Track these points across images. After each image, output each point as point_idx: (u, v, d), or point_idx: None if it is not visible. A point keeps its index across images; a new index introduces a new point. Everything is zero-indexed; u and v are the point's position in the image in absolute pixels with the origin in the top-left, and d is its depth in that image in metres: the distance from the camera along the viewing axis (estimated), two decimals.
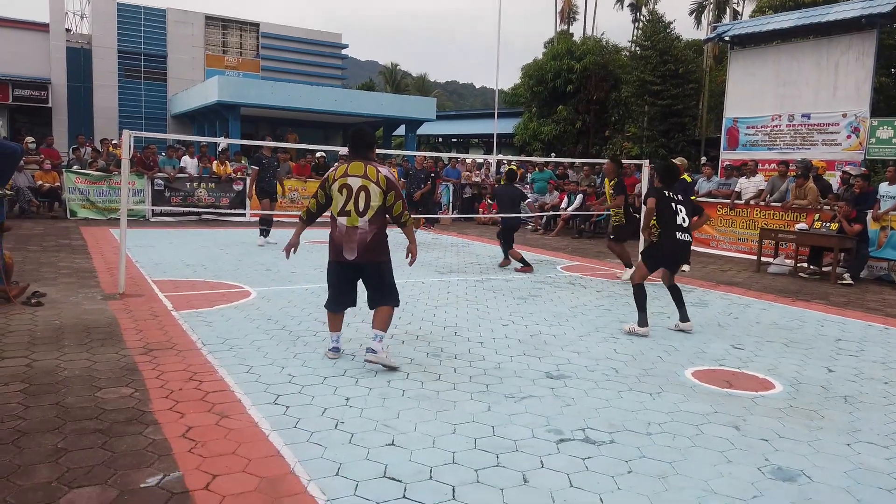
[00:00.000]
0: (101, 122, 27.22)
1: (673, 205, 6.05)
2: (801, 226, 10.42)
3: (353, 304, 4.87)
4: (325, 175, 4.72)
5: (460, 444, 3.43)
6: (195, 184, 15.17)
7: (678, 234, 6.00)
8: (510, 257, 9.75)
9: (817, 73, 14.84)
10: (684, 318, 6.20)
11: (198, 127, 28.65)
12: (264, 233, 11.25)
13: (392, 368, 4.56)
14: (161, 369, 4.40)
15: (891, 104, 19.68)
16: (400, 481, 2.98)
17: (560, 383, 4.49)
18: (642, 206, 6.65)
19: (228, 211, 15.14)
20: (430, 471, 3.10)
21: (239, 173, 15.91)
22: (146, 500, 2.72)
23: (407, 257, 4.84)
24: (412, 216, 4.96)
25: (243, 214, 14.98)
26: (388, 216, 4.62)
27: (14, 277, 6.57)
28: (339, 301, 4.78)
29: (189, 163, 15.50)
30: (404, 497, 2.84)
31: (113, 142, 16.87)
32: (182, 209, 14.64)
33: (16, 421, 3.47)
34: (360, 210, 4.50)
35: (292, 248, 4.88)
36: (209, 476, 2.95)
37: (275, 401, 3.92)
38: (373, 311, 4.72)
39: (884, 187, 10.25)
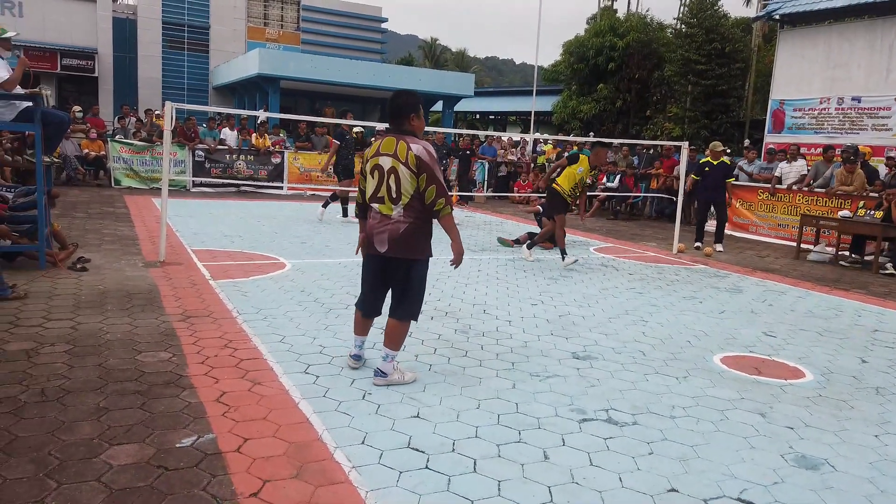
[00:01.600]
0: (146, 93, 27.73)
1: None
2: (845, 213, 10.15)
3: (379, 312, 4.06)
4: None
5: (483, 419, 3.49)
6: (234, 156, 15.42)
7: None
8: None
9: (870, 54, 14.30)
10: None
11: (238, 99, 28.97)
12: (344, 211, 11.61)
13: (409, 382, 3.95)
14: (198, 336, 4.55)
15: None
16: (423, 452, 3.07)
17: (586, 364, 4.51)
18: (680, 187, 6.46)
19: (266, 184, 15.36)
20: (453, 443, 3.18)
21: (277, 146, 16.11)
22: (181, 459, 2.85)
23: (452, 263, 3.94)
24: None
25: (280, 187, 15.20)
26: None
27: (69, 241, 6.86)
28: (366, 301, 4.04)
29: (229, 135, 15.77)
30: (427, 468, 2.93)
31: (156, 112, 17.20)
32: (221, 181, 14.91)
33: (61, 380, 3.64)
34: (393, 196, 3.75)
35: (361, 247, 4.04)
36: (241, 439, 3.07)
37: (305, 370, 4.04)
38: (388, 319, 3.95)
39: None
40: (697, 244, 10.41)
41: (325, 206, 11.51)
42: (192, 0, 29.01)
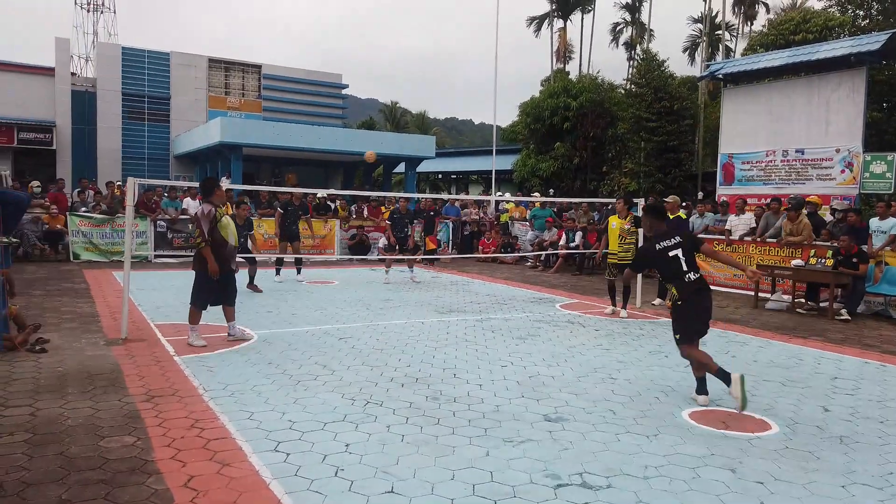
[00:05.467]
0: (105, 164, 27.56)
1: (669, 254, 5.23)
2: (797, 262, 10.51)
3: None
4: (213, 214, 6.60)
5: (459, 490, 3.47)
6: None
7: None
8: None
9: (809, 109, 15.10)
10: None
11: (200, 167, 28.98)
12: (278, 272, 12.34)
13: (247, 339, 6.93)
14: (163, 417, 4.45)
15: (883, 139, 19.92)
16: None
17: (558, 426, 4.53)
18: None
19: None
20: None
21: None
22: None
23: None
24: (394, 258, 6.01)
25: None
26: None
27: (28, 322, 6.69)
28: (211, 300, 6.80)
29: (191, 204, 15.69)
30: None
31: (118, 183, 17.07)
32: (184, 252, 14.75)
33: (20, 472, 3.51)
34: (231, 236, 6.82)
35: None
36: None
37: (275, 448, 3.97)
38: (226, 308, 6.91)
39: (875, 222, 10.37)
40: (657, 300, 10.54)
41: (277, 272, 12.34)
42: (153, 72, 29.28)
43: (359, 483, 3.51)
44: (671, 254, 5.23)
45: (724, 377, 5.01)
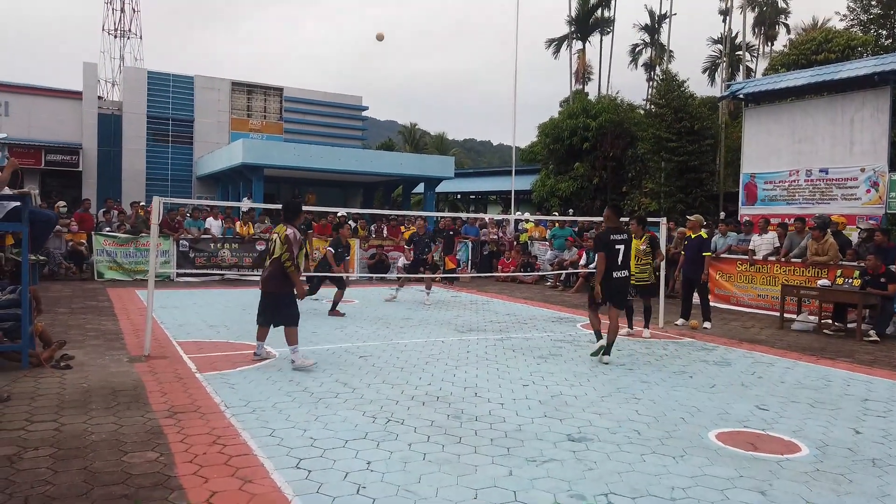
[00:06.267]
0: (129, 185, 28.01)
1: (616, 247, 7.09)
2: (824, 282, 10.33)
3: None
4: (300, 239, 6.66)
5: None
6: (219, 244, 15.48)
7: (615, 273, 7.12)
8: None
9: (832, 128, 14.97)
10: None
11: (222, 188, 29.33)
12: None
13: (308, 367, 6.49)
14: (185, 433, 4.46)
15: None
16: None
17: (582, 446, 4.46)
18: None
19: (251, 272, 15.37)
20: None
21: (266, 233, 16.21)
22: None
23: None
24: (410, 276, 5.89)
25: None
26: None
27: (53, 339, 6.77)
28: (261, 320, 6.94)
29: (213, 224, 15.87)
30: None
31: (141, 204, 17.33)
32: (205, 271, 14.89)
33: (45, 486, 3.53)
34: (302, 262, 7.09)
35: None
36: None
37: (297, 465, 3.95)
38: (266, 329, 6.92)
39: None
40: (680, 321, 10.35)
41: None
42: (177, 95, 29.81)
43: (381, 501, 3.48)
44: (617, 246, 7.02)
45: (598, 336, 7.41)
